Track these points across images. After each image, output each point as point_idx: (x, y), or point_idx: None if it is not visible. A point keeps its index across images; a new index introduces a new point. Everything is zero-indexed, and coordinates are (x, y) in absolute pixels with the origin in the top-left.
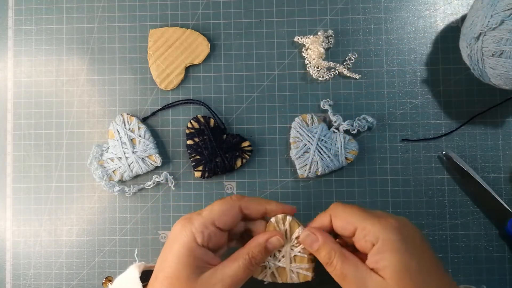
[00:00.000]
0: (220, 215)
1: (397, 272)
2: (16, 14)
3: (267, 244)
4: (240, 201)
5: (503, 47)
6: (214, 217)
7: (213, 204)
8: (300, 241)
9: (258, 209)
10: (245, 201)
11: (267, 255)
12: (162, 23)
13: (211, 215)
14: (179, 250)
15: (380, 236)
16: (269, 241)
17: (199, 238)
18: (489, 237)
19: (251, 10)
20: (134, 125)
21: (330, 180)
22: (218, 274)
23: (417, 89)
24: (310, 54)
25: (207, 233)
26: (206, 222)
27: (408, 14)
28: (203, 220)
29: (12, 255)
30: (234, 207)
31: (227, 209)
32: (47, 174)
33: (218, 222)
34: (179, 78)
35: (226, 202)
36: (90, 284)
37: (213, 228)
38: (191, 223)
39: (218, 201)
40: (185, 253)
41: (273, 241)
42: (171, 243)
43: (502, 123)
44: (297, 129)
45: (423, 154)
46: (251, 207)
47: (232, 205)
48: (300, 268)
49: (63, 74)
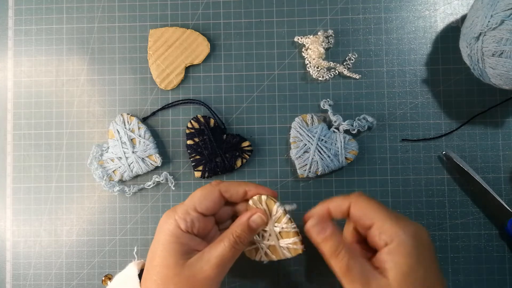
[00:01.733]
0: (201, 200)
1: (402, 276)
2: (16, 14)
3: (249, 222)
4: (219, 185)
5: (503, 47)
6: (195, 203)
7: (194, 192)
8: (306, 228)
9: (237, 190)
10: (224, 185)
11: (251, 233)
12: (162, 23)
13: (192, 202)
14: (165, 238)
15: (396, 238)
16: (251, 219)
17: (182, 225)
18: (489, 237)
19: (251, 10)
20: (134, 125)
21: (330, 180)
22: (205, 257)
23: (417, 89)
24: (310, 54)
25: (190, 218)
26: (188, 209)
27: (408, 14)
28: (185, 207)
29: (12, 255)
30: (214, 192)
31: (207, 193)
32: (47, 174)
33: (200, 207)
34: (179, 78)
35: (206, 187)
36: (90, 284)
37: (195, 214)
38: (174, 212)
39: (199, 188)
40: (170, 240)
41: (255, 218)
42: (158, 234)
43: (502, 123)
44: (297, 129)
45: (423, 154)
46: (230, 190)
47: (211, 190)
48: (288, 243)
49: (63, 74)
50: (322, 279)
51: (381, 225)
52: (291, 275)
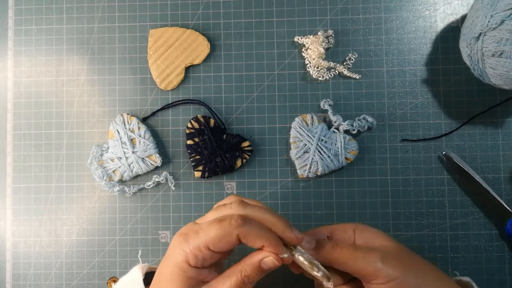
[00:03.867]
0: (216, 241)
1: None
2: (16, 14)
3: (261, 264)
4: (239, 230)
5: (503, 47)
6: (209, 242)
7: (211, 226)
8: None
9: (255, 244)
10: (244, 231)
11: (261, 274)
12: (162, 23)
13: (206, 239)
14: (172, 269)
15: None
16: (264, 262)
17: (192, 261)
18: (489, 237)
19: (251, 10)
20: (134, 125)
21: (330, 180)
22: None
23: (417, 89)
24: (310, 54)
25: (201, 256)
26: (201, 246)
27: (408, 14)
28: (198, 243)
29: (12, 255)
30: (232, 235)
31: (224, 236)
32: (47, 174)
33: (213, 247)
34: (179, 78)
35: (224, 226)
36: (90, 284)
37: (207, 252)
38: (186, 242)
39: (216, 224)
40: (178, 272)
41: (267, 261)
42: (167, 258)
43: (502, 123)
44: (297, 129)
45: (423, 154)
46: (248, 240)
47: (229, 233)
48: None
49: (63, 74)
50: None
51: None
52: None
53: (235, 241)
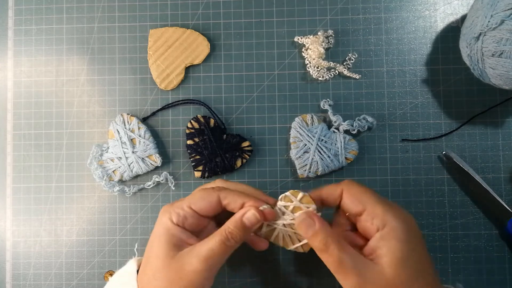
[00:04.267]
0: (197, 200)
1: (396, 261)
2: (16, 14)
3: (243, 219)
4: (220, 191)
5: (503, 47)
6: (191, 201)
7: (196, 190)
8: (295, 225)
9: (235, 201)
10: (224, 192)
11: (245, 231)
12: (162, 23)
13: (189, 199)
14: (158, 230)
15: (388, 223)
16: (245, 216)
17: (174, 218)
18: (489, 237)
19: (251, 10)
20: (134, 125)
21: (330, 180)
22: (195, 250)
23: (417, 89)
24: (310, 54)
25: (183, 213)
26: (183, 205)
27: (408, 14)
28: (180, 203)
29: (12, 255)
30: (212, 195)
31: (205, 195)
32: (47, 174)
33: (195, 206)
34: (179, 78)
35: (207, 190)
36: (90, 284)
37: (189, 210)
38: (170, 206)
39: (200, 188)
40: (163, 232)
41: (249, 215)
42: (154, 228)
43: (502, 123)
44: (297, 129)
45: (423, 154)
46: (228, 198)
47: (210, 193)
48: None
49: (63, 74)
50: (323, 279)
51: (373, 210)
52: (291, 275)
53: (215, 203)
